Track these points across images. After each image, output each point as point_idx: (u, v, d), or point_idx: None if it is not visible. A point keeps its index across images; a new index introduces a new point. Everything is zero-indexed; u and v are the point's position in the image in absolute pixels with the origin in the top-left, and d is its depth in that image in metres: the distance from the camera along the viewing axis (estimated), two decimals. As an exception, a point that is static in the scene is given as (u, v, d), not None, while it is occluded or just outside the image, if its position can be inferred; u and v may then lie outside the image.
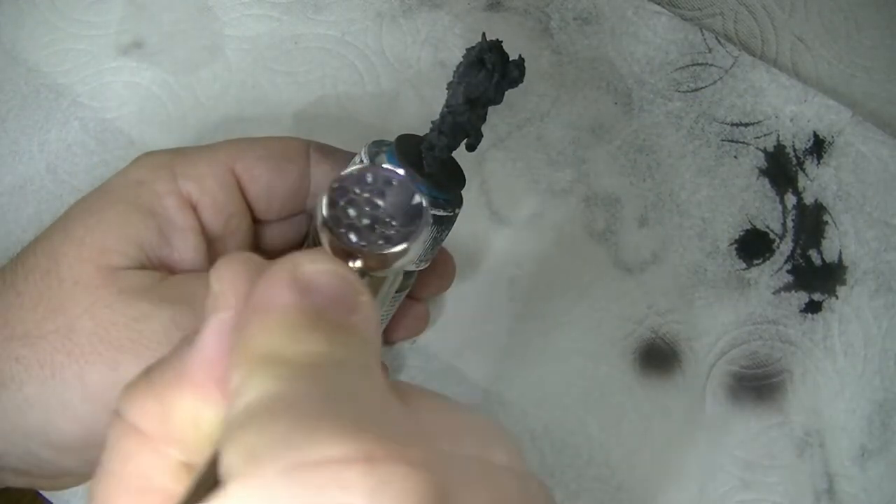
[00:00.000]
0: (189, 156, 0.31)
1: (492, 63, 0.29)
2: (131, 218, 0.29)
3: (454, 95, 0.29)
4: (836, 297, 0.40)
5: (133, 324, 0.27)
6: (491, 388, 0.38)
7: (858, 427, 0.38)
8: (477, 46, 0.29)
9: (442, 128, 0.29)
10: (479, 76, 0.29)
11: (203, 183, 0.30)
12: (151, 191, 0.29)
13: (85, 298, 0.28)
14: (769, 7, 0.45)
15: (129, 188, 0.30)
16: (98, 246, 0.28)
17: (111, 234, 0.28)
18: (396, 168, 0.22)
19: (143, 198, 0.29)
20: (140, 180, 0.30)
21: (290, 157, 0.32)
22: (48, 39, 0.42)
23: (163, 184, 0.29)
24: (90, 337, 0.27)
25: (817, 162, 0.42)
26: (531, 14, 0.43)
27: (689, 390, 0.38)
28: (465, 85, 0.29)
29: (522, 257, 0.40)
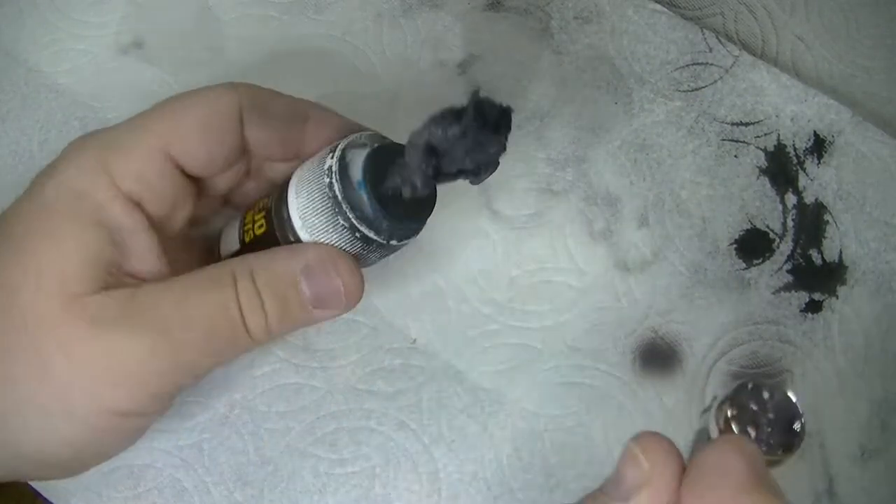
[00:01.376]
0: (121, 148, 0.29)
1: (471, 124, 0.29)
2: (83, 236, 0.27)
3: (415, 141, 0.29)
4: (836, 297, 0.40)
5: (109, 357, 0.27)
6: (491, 388, 0.38)
7: (858, 427, 0.38)
8: (470, 102, 0.29)
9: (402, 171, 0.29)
10: (449, 133, 0.29)
11: (143, 179, 0.29)
12: (94, 202, 0.28)
13: (55, 336, 0.27)
14: (769, 7, 0.45)
15: (69, 201, 0.28)
16: (57, 276, 0.27)
17: (67, 259, 0.27)
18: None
19: (88, 210, 0.28)
20: (79, 191, 0.28)
21: (222, 122, 0.30)
22: (48, 39, 0.42)
23: (103, 191, 0.28)
24: (67, 376, 0.27)
25: (817, 161, 0.42)
26: (531, 13, 0.43)
27: (688, 390, 0.38)
28: (429, 134, 0.28)
29: (522, 257, 0.40)
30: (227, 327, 0.28)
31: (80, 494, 0.35)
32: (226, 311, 0.28)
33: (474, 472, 0.37)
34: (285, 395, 0.37)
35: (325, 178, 0.29)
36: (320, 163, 0.30)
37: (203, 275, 0.29)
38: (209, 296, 0.28)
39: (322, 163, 0.30)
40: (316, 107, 0.32)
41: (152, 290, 0.28)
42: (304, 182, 0.30)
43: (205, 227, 0.35)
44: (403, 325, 0.38)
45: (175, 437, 0.36)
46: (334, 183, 0.29)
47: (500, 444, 0.37)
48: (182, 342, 0.27)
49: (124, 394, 0.27)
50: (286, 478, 0.36)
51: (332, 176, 0.29)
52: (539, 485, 0.37)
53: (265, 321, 0.29)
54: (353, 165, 0.30)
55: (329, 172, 0.29)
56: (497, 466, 0.37)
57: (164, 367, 0.28)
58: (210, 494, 0.36)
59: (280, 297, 0.29)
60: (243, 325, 0.29)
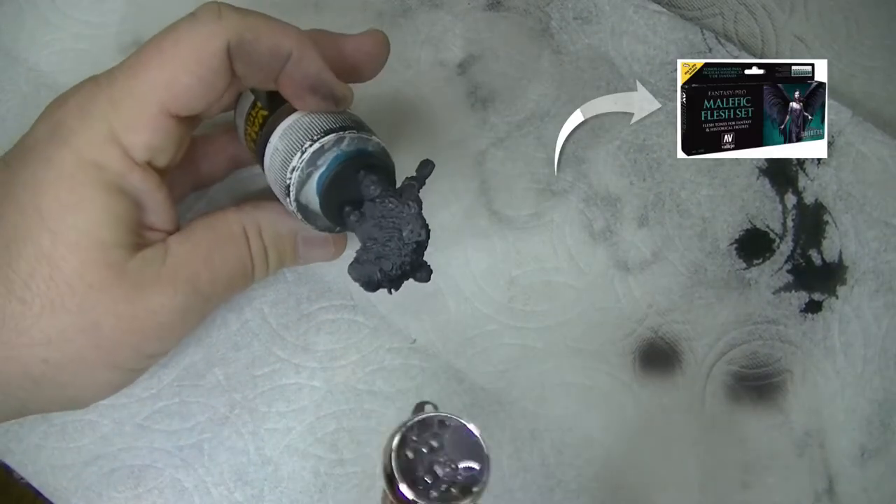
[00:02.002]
0: (127, 118, 0.29)
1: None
2: (111, 205, 0.29)
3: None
4: (836, 297, 0.40)
5: (153, 315, 0.30)
6: (491, 388, 0.38)
7: (858, 427, 0.38)
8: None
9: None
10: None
11: (152, 146, 0.30)
12: (113, 172, 0.29)
13: (104, 299, 0.29)
14: (769, 7, 0.45)
15: (91, 172, 0.29)
16: (97, 245, 0.29)
17: (102, 227, 0.29)
18: (450, 414, 0.25)
19: (110, 180, 0.29)
20: (98, 163, 0.29)
21: (215, 68, 0.30)
22: (48, 39, 0.42)
23: (119, 162, 0.30)
24: (118, 334, 0.30)
25: (817, 162, 0.42)
26: (531, 13, 0.43)
27: (689, 390, 0.38)
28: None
29: (522, 257, 0.40)
30: (242, 277, 0.33)
31: (80, 494, 0.35)
32: (243, 266, 0.33)
33: (474, 472, 0.37)
34: (286, 396, 0.37)
35: (289, 176, 0.31)
36: (295, 149, 0.31)
37: (220, 231, 0.33)
38: (229, 253, 0.33)
39: (297, 152, 0.31)
40: (298, 44, 0.31)
41: (182, 249, 0.31)
42: (278, 153, 0.32)
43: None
44: (403, 326, 0.38)
45: (175, 438, 0.36)
46: (292, 187, 0.31)
47: (500, 444, 0.37)
48: (210, 294, 0.32)
49: (163, 344, 0.32)
50: (286, 478, 0.36)
51: (294, 178, 0.31)
52: (539, 485, 0.37)
53: (266, 268, 0.34)
54: (324, 160, 0.31)
55: (293, 171, 0.31)
56: (497, 466, 0.37)
57: (196, 318, 0.32)
58: (210, 494, 0.36)
59: (281, 251, 0.34)
60: (251, 273, 0.34)
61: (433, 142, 0.35)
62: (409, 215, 0.30)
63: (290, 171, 0.31)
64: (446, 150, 0.41)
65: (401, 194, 0.31)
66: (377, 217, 0.31)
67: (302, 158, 0.30)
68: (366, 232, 0.31)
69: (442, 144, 0.41)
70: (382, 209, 0.30)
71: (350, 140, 0.31)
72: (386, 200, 0.30)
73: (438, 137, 0.41)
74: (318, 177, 0.31)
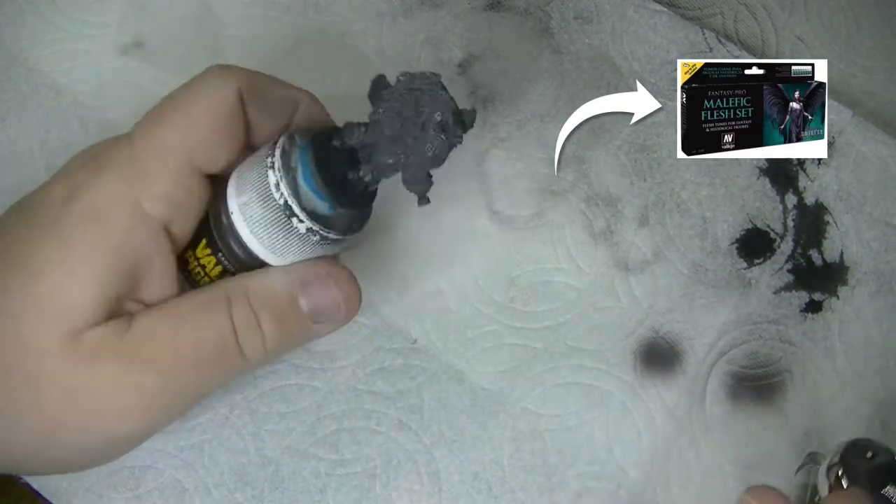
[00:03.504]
0: (147, 172, 0.27)
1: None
2: (98, 268, 0.26)
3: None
4: (836, 298, 0.40)
5: (99, 390, 0.27)
6: (491, 388, 0.38)
7: (858, 427, 0.38)
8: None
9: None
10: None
11: (172, 200, 0.28)
12: (117, 230, 0.27)
13: (51, 369, 0.26)
14: (769, 7, 0.45)
15: (90, 229, 0.27)
16: (63, 308, 0.26)
17: (76, 292, 0.26)
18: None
19: (109, 240, 0.27)
20: (103, 219, 0.27)
21: (232, 117, 0.29)
22: (49, 39, 0.42)
23: (128, 218, 0.27)
24: (60, 410, 0.27)
25: (818, 162, 0.42)
26: (531, 13, 0.43)
27: (689, 390, 0.38)
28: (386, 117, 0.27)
29: (522, 257, 0.40)
30: (218, 352, 0.28)
31: (81, 495, 0.35)
32: (221, 340, 0.28)
33: (475, 473, 0.37)
34: (286, 396, 0.37)
35: (271, 178, 0.27)
36: (261, 160, 0.28)
37: (197, 299, 0.28)
38: (201, 322, 0.28)
39: (263, 159, 0.28)
40: (306, 95, 0.32)
41: (148, 320, 0.27)
42: (250, 202, 0.28)
43: None
44: (404, 326, 0.38)
45: (176, 438, 0.36)
46: (281, 185, 0.27)
47: (500, 444, 0.37)
48: (172, 373, 0.27)
49: (115, 426, 0.28)
50: (287, 478, 0.36)
51: (277, 174, 0.28)
52: (539, 485, 0.37)
53: (262, 341, 0.29)
54: (296, 157, 0.28)
55: (272, 167, 0.28)
56: (498, 466, 0.37)
57: (153, 402, 0.28)
58: (211, 495, 0.36)
59: (278, 315, 0.29)
60: (237, 348, 0.28)
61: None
62: (430, 92, 0.27)
63: (276, 195, 0.27)
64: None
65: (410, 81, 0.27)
66: (391, 116, 0.27)
67: (276, 174, 0.27)
68: (387, 147, 0.28)
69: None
70: (389, 108, 0.27)
71: (298, 130, 0.29)
72: (381, 101, 0.27)
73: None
74: (303, 173, 0.27)
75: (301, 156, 0.28)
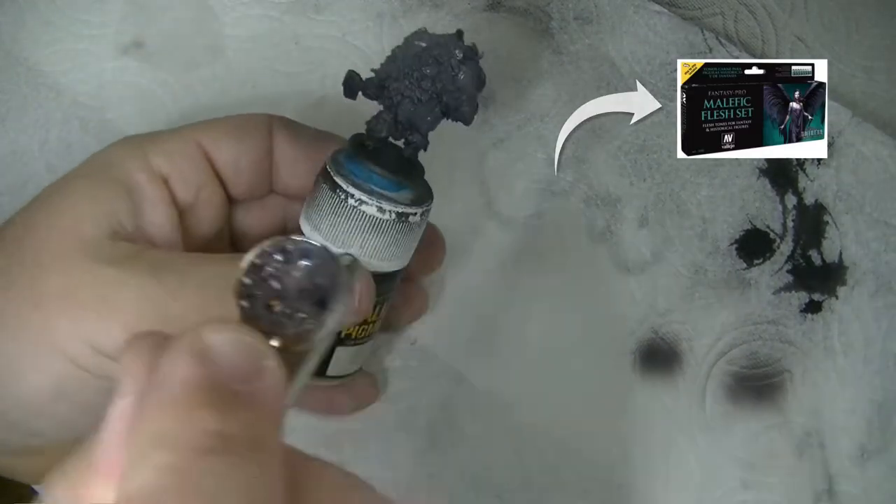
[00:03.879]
0: (159, 135, 0.32)
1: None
2: (103, 189, 0.30)
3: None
4: (836, 298, 0.40)
5: (100, 287, 0.27)
6: (491, 388, 0.38)
7: (858, 427, 0.38)
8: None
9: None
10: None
11: (172, 158, 0.31)
12: (122, 167, 0.30)
13: (57, 262, 0.28)
14: (769, 7, 0.45)
15: (101, 166, 0.31)
16: (71, 215, 0.29)
17: (83, 203, 0.29)
18: (310, 239, 0.21)
19: (115, 172, 0.30)
20: (112, 160, 0.31)
21: (252, 129, 0.33)
22: (49, 39, 0.42)
23: (133, 161, 0.30)
24: (58, 293, 0.27)
25: (817, 162, 0.42)
26: (531, 14, 0.43)
27: (689, 390, 0.38)
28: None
29: (522, 257, 0.40)
30: (225, 289, 0.28)
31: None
32: (226, 276, 0.28)
33: (475, 473, 0.37)
34: (286, 396, 0.37)
35: (334, 190, 0.29)
36: (317, 190, 0.30)
37: (222, 254, 0.30)
38: (218, 263, 0.28)
39: (317, 188, 0.30)
40: (339, 138, 0.34)
41: (159, 250, 0.30)
42: (314, 210, 0.30)
43: None
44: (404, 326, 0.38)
45: (175, 438, 0.36)
46: (384, 204, 0.29)
47: (500, 444, 0.37)
48: (174, 292, 0.27)
49: (106, 329, 0.27)
50: (287, 478, 0.36)
51: (335, 177, 0.29)
52: (540, 485, 0.37)
53: None
54: (343, 158, 0.30)
55: (329, 181, 0.30)
56: (498, 466, 0.37)
57: (150, 313, 0.27)
58: (210, 495, 0.36)
59: None
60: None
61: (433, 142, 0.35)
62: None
63: (386, 216, 0.29)
64: (446, 151, 0.41)
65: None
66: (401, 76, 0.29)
67: (375, 201, 0.29)
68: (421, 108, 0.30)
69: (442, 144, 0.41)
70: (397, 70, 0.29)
71: (331, 164, 0.30)
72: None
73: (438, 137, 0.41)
74: (377, 180, 0.30)
75: (362, 170, 0.30)
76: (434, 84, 0.29)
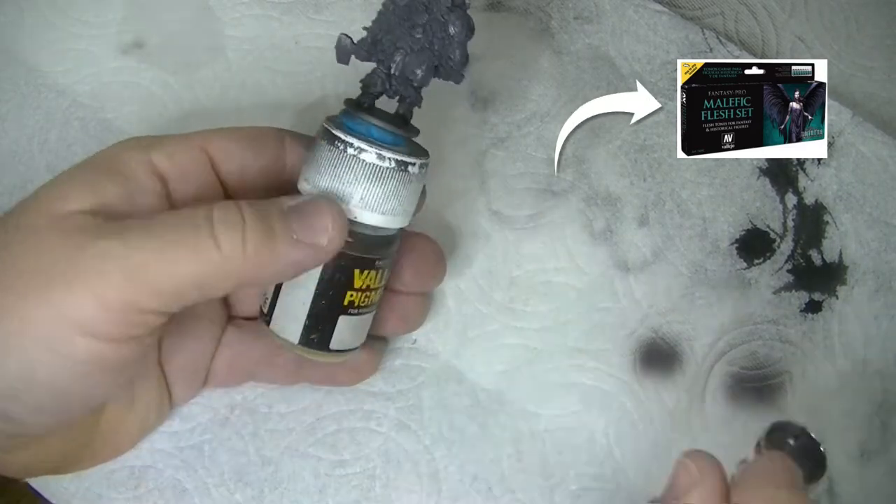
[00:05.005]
0: (165, 137, 0.32)
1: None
2: (96, 174, 0.29)
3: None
4: (836, 297, 0.40)
5: (70, 258, 0.27)
6: (491, 388, 0.38)
7: (858, 427, 0.38)
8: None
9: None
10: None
11: (173, 156, 0.31)
12: (121, 159, 0.30)
13: (30, 240, 0.28)
14: (769, 7, 0.45)
15: (102, 158, 0.31)
16: (54, 195, 0.29)
17: (71, 185, 0.29)
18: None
19: (113, 163, 0.30)
20: (113, 153, 0.31)
21: (263, 141, 0.33)
22: (48, 39, 0.42)
23: (134, 153, 0.30)
24: (30, 274, 0.27)
25: (818, 162, 0.42)
26: (531, 14, 0.43)
27: (689, 390, 0.38)
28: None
29: (522, 257, 0.40)
30: (190, 235, 0.27)
31: (80, 495, 0.35)
32: (192, 220, 0.28)
33: (475, 473, 0.37)
34: (286, 397, 0.37)
35: (368, 157, 0.30)
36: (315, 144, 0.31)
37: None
38: (181, 213, 0.28)
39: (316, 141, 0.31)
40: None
41: (136, 219, 0.28)
42: (311, 165, 0.31)
43: None
44: (404, 326, 0.38)
45: (176, 438, 0.36)
46: (385, 152, 0.30)
47: (500, 444, 0.37)
48: (138, 247, 0.27)
49: (76, 301, 0.27)
50: (287, 479, 0.36)
51: (373, 147, 0.30)
52: (539, 485, 0.37)
53: (241, 234, 0.28)
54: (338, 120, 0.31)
55: (327, 133, 0.30)
56: (498, 467, 0.37)
57: (115, 274, 0.27)
58: (211, 495, 0.36)
59: (264, 219, 0.28)
60: (211, 235, 0.27)
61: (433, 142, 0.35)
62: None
63: (386, 163, 0.30)
64: (446, 150, 0.41)
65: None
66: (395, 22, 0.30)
67: (374, 147, 0.30)
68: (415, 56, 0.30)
69: (442, 144, 0.41)
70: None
71: (327, 121, 0.31)
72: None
73: (438, 137, 0.41)
74: (376, 132, 0.31)
75: (359, 124, 0.31)
76: (425, 33, 0.30)
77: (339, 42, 0.31)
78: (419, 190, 0.32)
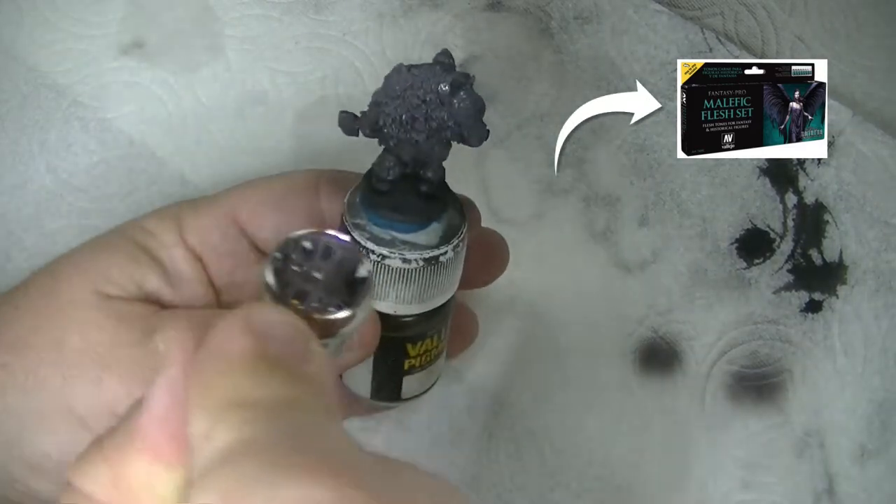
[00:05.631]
0: (194, 207, 0.31)
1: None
2: (137, 259, 0.29)
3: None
4: (836, 297, 0.40)
5: (121, 348, 0.27)
6: (491, 388, 0.38)
7: (858, 427, 0.38)
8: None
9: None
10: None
11: (206, 235, 0.30)
12: (159, 241, 0.30)
13: (78, 317, 0.28)
14: (769, 7, 0.45)
15: (137, 234, 0.30)
16: (100, 274, 0.28)
17: (115, 267, 0.29)
18: (341, 234, 0.21)
19: (151, 245, 0.29)
20: (149, 230, 0.30)
21: (296, 194, 0.31)
22: (48, 39, 0.42)
23: (169, 235, 0.30)
24: (78, 353, 0.27)
25: (818, 161, 0.42)
26: (531, 14, 0.43)
27: (689, 390, 0.38)
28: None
29: (522, 257, 0.40)
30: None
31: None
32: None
33: (475, 473, 0.37)
34: (286, 396, 0.37)
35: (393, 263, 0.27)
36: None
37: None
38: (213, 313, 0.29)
39: None
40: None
41: (180, 309, 0.29)
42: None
43: None
44: (404, 326, 0.38)
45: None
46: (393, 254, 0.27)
47: (500, 444, 0.37)
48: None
49: (124, 388, 0.27)
50: (287, 478, 0.36)
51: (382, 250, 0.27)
52: (539, 485, 0.37)
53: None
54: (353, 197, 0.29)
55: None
56: (498, 466, 0.37)
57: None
58: (211, 495, 0.36)
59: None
60: None
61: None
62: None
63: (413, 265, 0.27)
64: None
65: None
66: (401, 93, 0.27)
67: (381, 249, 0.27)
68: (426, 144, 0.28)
69: (442, 144, 0.41)
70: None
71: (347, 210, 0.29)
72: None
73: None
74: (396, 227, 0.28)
75: (380, 218, 0.28)
76: (427, 123, 0.28)
77: (341, 120, 0.28)
78: (459, 266, 0.29)
